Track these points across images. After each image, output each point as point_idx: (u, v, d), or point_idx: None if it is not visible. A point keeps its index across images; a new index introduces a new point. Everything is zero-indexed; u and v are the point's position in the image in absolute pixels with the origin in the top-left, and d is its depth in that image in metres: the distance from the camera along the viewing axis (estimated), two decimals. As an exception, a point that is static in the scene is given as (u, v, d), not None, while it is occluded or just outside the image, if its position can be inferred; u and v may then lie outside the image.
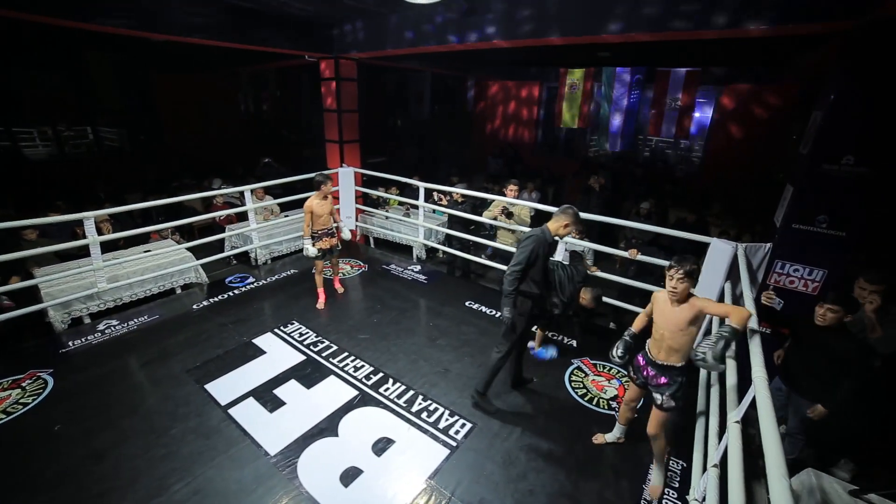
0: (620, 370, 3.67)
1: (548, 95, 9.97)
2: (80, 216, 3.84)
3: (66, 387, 3.30)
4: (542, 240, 2.81)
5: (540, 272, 2.88)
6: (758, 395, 1.61)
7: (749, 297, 2.50)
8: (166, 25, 4.37)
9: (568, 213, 2.83)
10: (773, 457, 1.29)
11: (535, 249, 2.77)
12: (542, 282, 2.94)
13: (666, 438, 2.49)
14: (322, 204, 4.33)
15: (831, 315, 2.46)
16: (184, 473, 2.55)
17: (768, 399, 1.57)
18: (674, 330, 2.31)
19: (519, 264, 2.77)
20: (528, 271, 2.84)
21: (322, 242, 4.42)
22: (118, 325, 4.13)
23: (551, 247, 2.94)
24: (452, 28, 4.50)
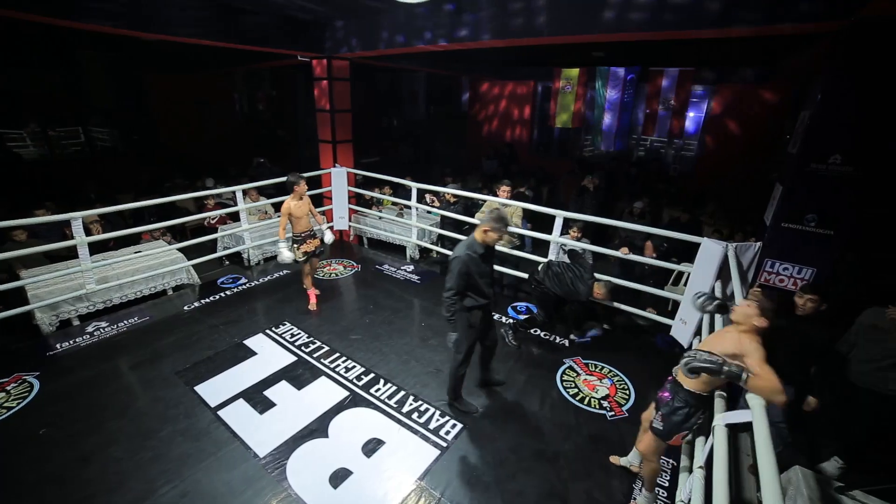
0: (612, 370, 3.67)
1: (542, 95, 9.98)
2: (68, 216, 3.81)
3: (53, 390, 3.27)
4: (470, 258, 2.73)
5: (479, 285, 2.82)
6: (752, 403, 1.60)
7: (739, 296, 2.51)
8: (156, 24, 4.33)
9: (489, 217, 2.74)
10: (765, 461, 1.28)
11: (461, 271, 2.71)
12: (486, 291, 2.87)
13: (658, 462, 2.34)
14: (299, 205, 4.29)
15: (811, 304, 2.63)
16: (172, 476, 2.53)
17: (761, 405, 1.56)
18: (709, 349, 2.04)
19: (451, 289, 2.74)
20: (466, 290, 2.81)
21: (307, 245, 4.38)
22: (108, 326, 4.10)
23: (485, 256, 2.82)
24: (444, 28, 4.49)
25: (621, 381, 3.53)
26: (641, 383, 3.50)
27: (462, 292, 2.79)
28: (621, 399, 3.32)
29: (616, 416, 3.14)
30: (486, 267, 2.88)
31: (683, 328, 3.52)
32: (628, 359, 3.83)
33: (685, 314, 3.51)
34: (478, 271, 2.79)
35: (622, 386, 3.47)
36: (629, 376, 3.59)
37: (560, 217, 4.23)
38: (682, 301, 3.59)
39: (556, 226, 4.28)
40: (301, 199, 4.31)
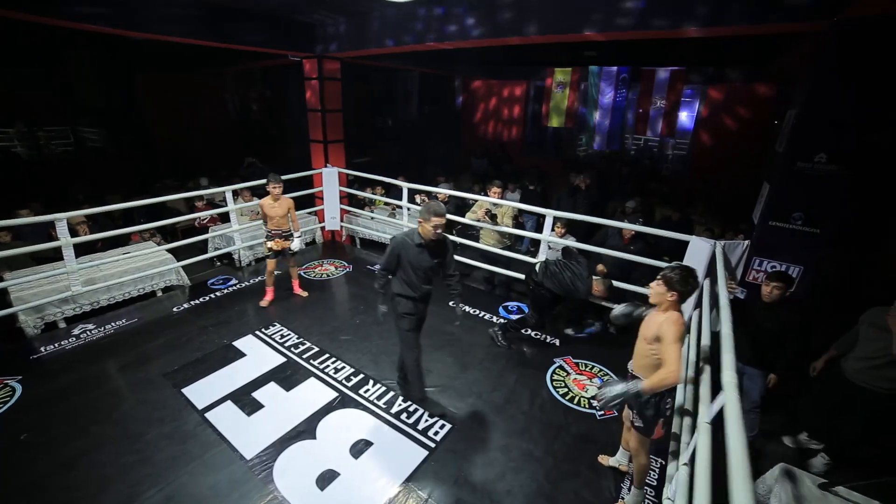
0: (603, 369, 3.67)
1: (535, 94, 9.99)
2: (52, 217, 3.75)
3: (36, 394, 3.21)
4: (404, 243, 2.77)
5: (411, 275, 2.82)
6: (727, 398, 1.61)
7: (724, 296, 2.51)
8: (144, 24, 4.29)
9: (422, 210, 2.75)
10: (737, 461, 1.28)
11: (393, 252, 2.79)
12: (418, 284, 2.86)
13: (647, 457, 2.36)
14: (272, 205, 4.32)
15: (777, 291, 2.75)
16: (156, 479, 2.50)
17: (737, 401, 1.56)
18: (640, 339, 2.19)
19: (381, 266, 2.88)
20: (397, 273, 2.87)
21: (273, 243, 4.39)
22: (95, 329, 4.05)
23: (424, 248, 2.79)
24: (433, 27, 4.48)
25: (611, 379, 3.53)
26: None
27: (390, 272, 2.88)
28: (611, 398, 3.31)
29: (605, 415, 3.14)
30: (425, 260, 2.81)
31: (673, 327, 3.52)
32: (620, 357, 3.82)
33: (674, 313, 3.52)
34: (411, 260, 2.79)
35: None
36: (619, 375, 3.58)
37: (550, 216, 4.23)
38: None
39: (545, 225, 4.28)
40: (276, 201, 4.33)
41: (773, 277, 2.83)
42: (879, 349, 2.58)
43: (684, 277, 2.07)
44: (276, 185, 4.31)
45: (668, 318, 2.05)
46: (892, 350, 2.48)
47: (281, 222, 4.40)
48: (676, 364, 1.91)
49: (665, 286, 2.10)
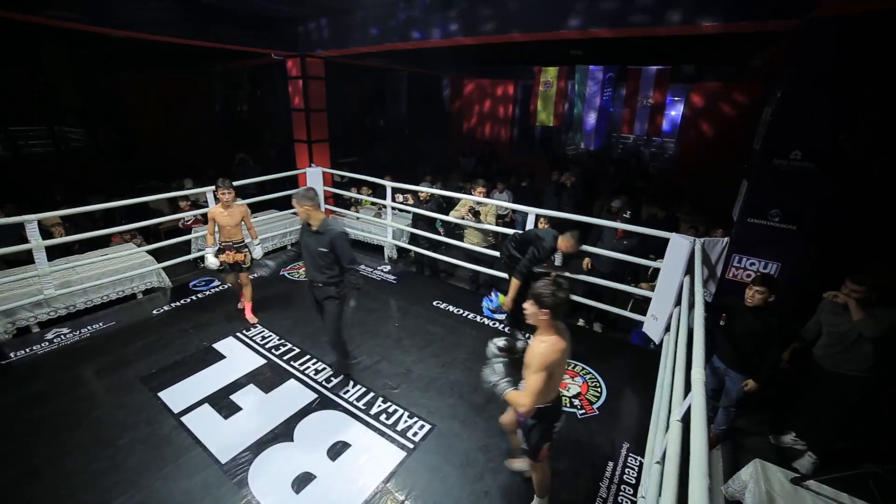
0: (585, 367, 3.67)
1: (523, 94, 10.01)
2: (22, 219, 3.67)
3: (3, 402, 3.12)
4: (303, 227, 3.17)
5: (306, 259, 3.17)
6: (693, 396, 1.61)
7: (699, 293, 2.52)
8: (123, 21, 4.22)
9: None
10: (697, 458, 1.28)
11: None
12: (308, 269, 3.18)
13: (544, 472, 2.29)
14: (223, 213, 3.90)
15: (759, 296, 2.73)
16: (128, 486, 2.45)
17: (702, 400, 1.56)
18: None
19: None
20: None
21: (224, 256, 3.98)
22: (69, 333, 3.97)
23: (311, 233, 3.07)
24: (416, 25, 4.46)
25: (593, 378, 3.53)
26: (614, 380, 3.51)
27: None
28: (592, 397, 3.32)
29: (587, 413, 3.14)
30: (310, 245, 3.07)
31: (655, 324, 3.54)
32: (601, 356, 3.84)
33: (656, 310, 3.53)
34: (302, 243, 3.16)
35: (594, 384, 3.47)
36: (601, 373, 3.59)
37: (532, 214, 4.22)
38: (653, 297, 3.61)
39: (528, 222, 4.28)
40: (228, 208, 3.92)
41: (756, 282, 2.79)
42: (844, 332, 2.66)
43: (552, 291, 1.89)
44: (226, 190, 3.85)
45: (535, 345, 1.93)
46: (854, 321, 2.56)
47: (233, 232, 3.98)
48: (532, 397, 1.84)
49: (535, 303, 1.93)
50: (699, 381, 1.66)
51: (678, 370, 2.14)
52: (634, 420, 3.08)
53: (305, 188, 3.14)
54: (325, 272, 3.11)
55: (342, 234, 3.04)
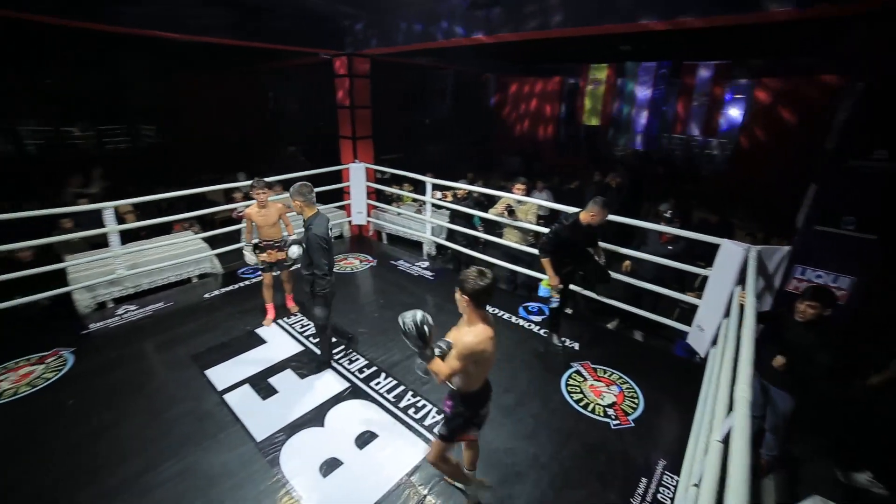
0: (623, 376, 3.50)
1: (570, 92, 9.69)
2: (100, 206, 4.08)
3: (84, 366, 3.52)
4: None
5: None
6: (736, 416, 1.47)
7: (750, 304, 2.32)
8: (187, 26, 4.55)
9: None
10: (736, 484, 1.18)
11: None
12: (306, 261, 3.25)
13: (450, 466, 2.29)
14: (258, 213, 3.90)
15: (811, 311, 2.47)
16: (172, 454, 2.65)
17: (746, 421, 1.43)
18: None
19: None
20: None
21: (265, 255, 3.97)
22: (136, 310, 4.36)
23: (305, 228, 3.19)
24: (458, 23, 4.44)
25: (631, 388, 3.36)
26: (653, 392, 3.32)
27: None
28: (628, 408, 3.15)
29: (621, 425, 2.99)
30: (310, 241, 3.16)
31: (700, 335, 3.30)
32: (642, 366, 3.64)
33: (703, 320, 3.30)
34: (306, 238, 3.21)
35: (631, 394, 3.30)
36: (640, 384, 3.41)
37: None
38: (700, 306, 3.37)
39: (568, 224, 4.13)
40: (264, 207, 3.92)
41: (808, 295, 2.50)
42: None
43: (475, 278, 1.91)
44: (261, 190, 3.84)
45: (462, 333, 1.96)
46: None
47: (271, 232, 3.96)
48: (446, 373, 1.91)
49: (459, 290, 1.97)
50: (743, 400, 1.52)
51: (722, 386, 1.98)
52: (673, 436, 2.90)
53: (301, 183, 3.20)
54: (308, 268, 3.22)
55: (314, 236, 3.08)
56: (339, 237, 6.85)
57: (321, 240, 3.09)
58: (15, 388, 3.24)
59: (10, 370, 3.44)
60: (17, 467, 2.59)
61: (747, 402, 1.51)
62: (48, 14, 3.77)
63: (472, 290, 1.92)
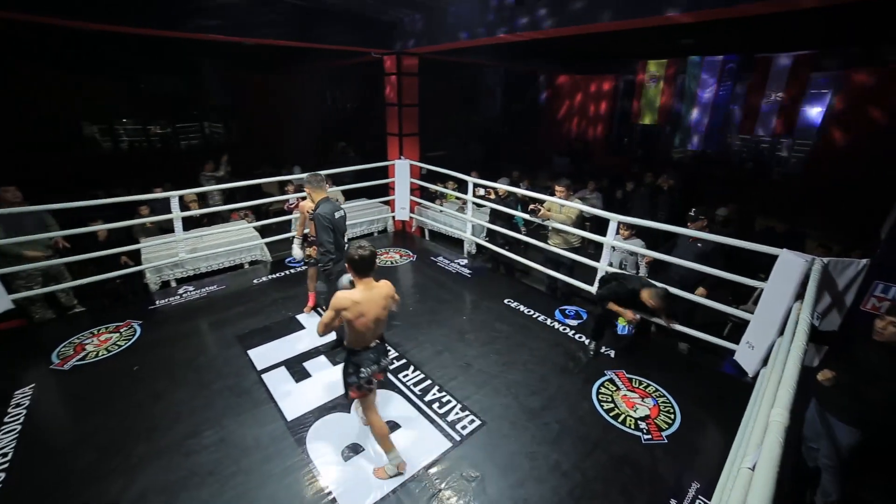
0: (659, 389, 3.30)
1: (624, 89, 9.23)
2: (167, 195, 4.52)
3: (149, 337, 3.92)
4: None
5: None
6: (766, 442, 1.34)
7: (804, 320, 2.09)
8: (249, 30, 4.89)
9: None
10: None
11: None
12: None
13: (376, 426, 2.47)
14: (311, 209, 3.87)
15: (893, 329, 2.19)
16: (213, 423, 2.88)
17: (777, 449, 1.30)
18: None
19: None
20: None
21: (311, 250, 4.00)
22: (193, 291, 4.77)
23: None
24: (504, 20, 4.38)
25: (667, 403, 3.16)
26: (692, 409, 3.10)
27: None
28: (663, 423, 2.97)
29: (653, 440, 2.82)
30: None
31: (750, 353, 3.03)
32: (683, 380, 3.41)
33: (754, 337, 3.02)
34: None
35: (667, 408, 3.10)
36: (678, 399, 3.19)
37: (614, 221, 3.90)
38: (751, 321, 3.09)
39: (609, 229, 3.96)
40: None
41: (893, 311, 2.23)
42: None
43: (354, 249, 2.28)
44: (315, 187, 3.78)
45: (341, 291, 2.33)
46: None
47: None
48: (321, 327, 2.34)
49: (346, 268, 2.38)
50: (778, 425, 1.38)
51: (763, 409, 1.81)
52: (710, 458, 2.69)
53: (311, 173, 3.49)
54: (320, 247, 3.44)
55: (319, 216, 3.36)
56: (384, 231, 7.04)
57: (325, 219, 3.35)
58: (97, 350, 3.70)
59: (94, 335, 3.92)
60: (94, 418, 2.96)
61: (783, 427, 1.37)
62: (139, 27, 4.24)
63: (350, 259, 2.29)
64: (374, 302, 2.30)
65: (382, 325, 2.44)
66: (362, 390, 2.41)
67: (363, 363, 2.38)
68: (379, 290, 2.35)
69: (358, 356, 2.39)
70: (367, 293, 2.29)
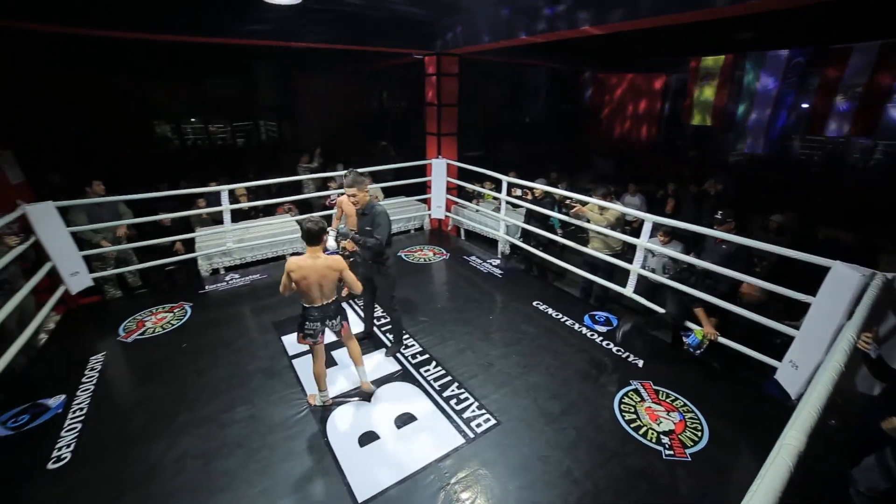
0: (688, 404, 3.13)
1: (676, 88, 8.71)
2: (219, 188, 4.90)
3: (197, 318, 4.30)
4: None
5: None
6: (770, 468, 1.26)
7: (847, 338, 1.90)
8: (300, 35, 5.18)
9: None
10: None
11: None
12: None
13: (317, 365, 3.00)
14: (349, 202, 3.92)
15: None
16: (246, 401, 3.12)
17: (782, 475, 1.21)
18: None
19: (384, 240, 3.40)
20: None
21: (346, 242, 4.03)
22: (239, 278, 5.15)
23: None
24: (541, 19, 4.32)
25: (695, 419, 2.99)
26: (722, 428, 2.91)
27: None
28: (688, 440, 2.82)
29: (674, 456, 2.69)
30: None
31: (793, 373, 2.80)
32: (715, 397, 3.21)
33: (799, 356, 2.79)
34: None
35: (694, 425, 2.94)
36: (708, 417, 3.01)
37: (649, 221, 3.73)
38: (796, 339, 2.85)
39: (644, 230, 3.79)
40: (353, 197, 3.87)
41: None
42: None
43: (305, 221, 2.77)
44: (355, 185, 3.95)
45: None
46: None
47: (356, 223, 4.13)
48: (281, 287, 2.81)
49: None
50: (790, 449, 1.29)
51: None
52: (734, 482, 2.53)
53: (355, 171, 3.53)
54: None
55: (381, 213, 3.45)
56: (420, 229, 7.17)
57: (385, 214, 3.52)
58: (154, 327, 4.12)
59: (153, 313, 4.36)
60: (148, 386, 3.33)
61: (794, 451, 1.28)
62: (206, 36, 4.66)
63: (301, 230, 2.79)
64: (315, 269, 2.71)
65: (328, 291, 2.83)
66: (307, 339, 2.92)
67: (308, 318, 2.87)
68: (323, 261, 2.74)
69: (305, 311, 2.87)
70: (311, 261, 2.72)
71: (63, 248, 4.15)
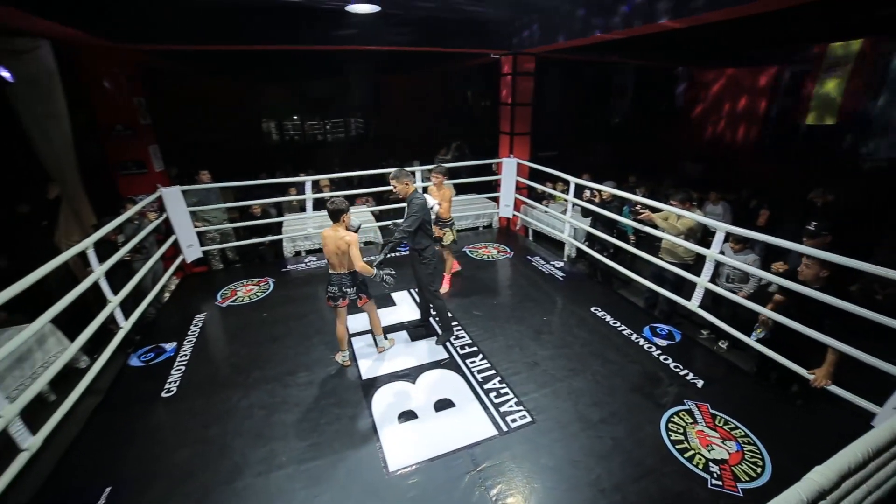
0: (749, 434, 2.83)
1: (788, 83, 7.53)
2: (301, 179, 5.54)
3: (277, 293, 4.90)
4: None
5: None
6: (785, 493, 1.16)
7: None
8: (382, 38, 5.57)
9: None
10: None
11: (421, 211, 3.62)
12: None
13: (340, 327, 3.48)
14: (434, 192, 4.46)
15: None
16: (307, 369, 3.52)
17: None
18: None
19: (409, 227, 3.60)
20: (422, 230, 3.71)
21: (437, 231, 4.48)
22: (316, 261, 5.73)
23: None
24: (617, 15, 4.11)
25: (756, 453, 2.69)
26: (789, 468, 2.58)
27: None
28: (743, 474, 2.55)
29: (723, 488, 2.46)
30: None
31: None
32: (786, 431, 2.86)
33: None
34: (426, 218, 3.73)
35: (754, 459, 2.65)
36: (774, 454, 2.69)
37: (721, 231, 3.39)
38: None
39: (715, 240, 3.46)
40: (440, 189, 4.53)
41: None
42: None
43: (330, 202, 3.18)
44: (437, 175, 4.52)
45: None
46: None
47: (441, 211, 4.46)
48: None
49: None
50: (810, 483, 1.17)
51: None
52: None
53: (399, 168, 3.74)
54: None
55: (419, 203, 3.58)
56: (488, 227, 7.26)
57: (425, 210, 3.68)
58: (243, 296, 4.81)
59: (244, 285, 5.08)
60: (233, 345, 3.95)
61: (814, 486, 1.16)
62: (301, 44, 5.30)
63: (327, 209, 3.17)
64: (333, 240, 3.18)
65: (342, 261, 3.26)
66: (329, 301, 3.39)
67: (329, 282, 3.35)
68: (339, 234, 3.16)
69: (329, 277, 3.35)
70: (332, 233, 3.18)
71: (183, 224, 5.03)
